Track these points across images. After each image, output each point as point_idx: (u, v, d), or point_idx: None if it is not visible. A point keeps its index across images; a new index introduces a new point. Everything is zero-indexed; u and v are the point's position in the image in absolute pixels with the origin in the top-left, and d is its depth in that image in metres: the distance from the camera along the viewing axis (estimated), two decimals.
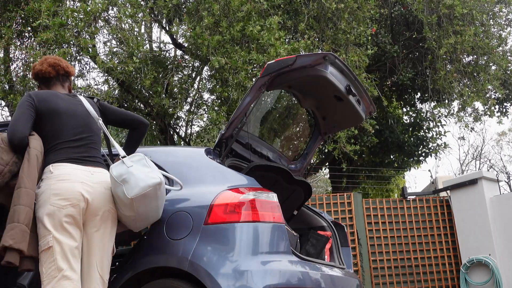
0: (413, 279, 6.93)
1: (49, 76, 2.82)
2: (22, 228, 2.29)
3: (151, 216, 2.70)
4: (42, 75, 2.82)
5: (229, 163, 3.37)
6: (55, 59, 2.85)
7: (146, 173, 2.54)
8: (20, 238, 2.28)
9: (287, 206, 3.92)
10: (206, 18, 6.17)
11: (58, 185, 2.46)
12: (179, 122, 9.88)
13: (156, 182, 2.53)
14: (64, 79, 2.89)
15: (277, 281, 2.60)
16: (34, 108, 2.62)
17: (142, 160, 2.59)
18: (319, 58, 3.18)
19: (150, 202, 2.59)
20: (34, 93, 2.70)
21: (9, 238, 2.24)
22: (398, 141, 9.56)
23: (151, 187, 2.51)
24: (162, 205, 2.73)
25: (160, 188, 2.58)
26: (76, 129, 2.69)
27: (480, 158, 22.74)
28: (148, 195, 2.53)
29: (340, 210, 7.01)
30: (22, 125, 2.54)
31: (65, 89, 2.89)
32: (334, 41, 6.98)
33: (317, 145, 4.21)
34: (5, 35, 6.20)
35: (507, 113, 9.54)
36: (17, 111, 2.61)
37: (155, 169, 2.61)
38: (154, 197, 2.59)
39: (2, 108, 8.44)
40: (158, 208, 2.69)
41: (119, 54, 6.89)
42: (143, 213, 2.63)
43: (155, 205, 2.65)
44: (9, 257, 2.25)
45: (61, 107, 2.68)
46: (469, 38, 7.35)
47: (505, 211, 6.74)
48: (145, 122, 3.03)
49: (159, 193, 2.60)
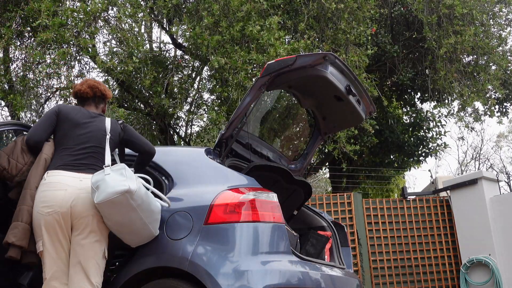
0: (413, 279, 6.92)
1: (86, 96, 3.07)
2: (24, 227, 2.58)
3: (137, 229, 2.67)
4: (81, 95, 3.07)
5: (229, 163, 3.37)
6: (95, 82, 3.12)
7: (118, 181, 2.57)
8: (22, 236, 2.56)
9: (287, 206, 3.92)
10: (206, 18, 6.17)
11: (45, 193, 2.65)
12: (179, 122, 9.89)
13: (123, 189, 2.53)
14: (100, 100, 3.13)
15: (277, 281, 2.59)
16: (56, 117, 2.90)
17: (121, 170, 2.64)
18: (319, 58, 3.18)
19: (123, 211, 2.58)
20: (63, 105, 3.02)
21: (12, 236, 2.55)
22: (398, 141, 9.56)
23: (117, 194, 2.52)
24: (149, 218, 2.68)
25: (133, 197, 2.55)
26: (83, 139, 2.84)
27: (479, 158, 22.75)
28: (115, 202, 2.54)
29: (340, 210, 7.01)
30: (40, 131, 2.86)
31: (98, 109, 3.12)
32: (334, 41, 6.98)
33: (317, 145, 4.21)
34: (5, 35, 6.20)
35: (507, 113, 9.55)
36: (41, 118, 2.94)
37: (131, 179, 2.60)
38: (127, 206, 2.57)
39: (2, 108, 8.44)
40: (142, 220, 2.65)
41: (119, 54, 6.89)
42: (122, 224, 2.64)
43: (135, 216, 2.61)
44: (11, 252, 2.55)
45: (77, 119, 2.90)
46: (469, 38, 7.35)
47: (505, 211, 6.74)
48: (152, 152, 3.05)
49: (133, 203, 2.57)
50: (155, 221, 2.73)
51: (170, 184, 3.00)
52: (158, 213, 2.74)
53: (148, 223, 2.68)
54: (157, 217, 2.74)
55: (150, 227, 2.71)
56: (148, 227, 2.70)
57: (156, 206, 2.73)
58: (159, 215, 2.76)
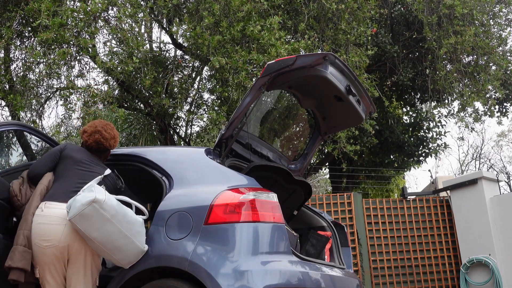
0: (413, 279, 6.93)
1: (91, 148, 3.20)
2: (20, 250, 2.69)
3: (120, 244, 2.67)
4: (86, 147, 3.21)
5: (229, 163, 3.37)
6: (102, 137, 3.19)
7: (86, 196, 2.63)
8: (19, 258, 2.67)
9: (287, 206, 3.92)
10: (206, 18, 6.16)
11: (43, 227, 2.75)
12: (179, 122, 9.87)
13: (89, 199, 2.58)
14: (104, 152, 3.26)
15: (277, 281, 2.60)
16: (60, 153, 3.10)
17: (90, 187, 2.70)
18: (319, 58, 3.18)
19: (97, 223, 2.61)
20: (70, 143, 3.21)
21: (9, 259, 2.67)
22: (398, 141, 9.56)
23: (85, 205, 2.58)
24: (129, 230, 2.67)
25: (102, 207, 2.59)
26: (84, 175, 2.98)
27: (480, 158, 22.74)
28: (86, 215, 2.59)
29: (340, 210, 7.01)
30: (42, 165, 3.05)
31: (101, 158, 3.25)
32: (334, 41, 6.98)
33: (317, 145, 4.21)
34: (5, 35, 6.20)
35: (507, 113, 9.54)
36: (47, 153, 3.14)
37: (100, 192, 2.65)
38: (99, 217, 2.60)
39: (2, 108, 8.44)
40: (122, 233, 2.65)
41: (119, 54, 6.88)
42: (103, 240, 2.65)
43: (112, 228, 2.63)
44: (12, 275, 2.66)
45: (80, 158, 3.07)
46: (469, 38, 7.34)
47: (505, 211, 6.74)
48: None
49: (105, 213, 2.60)
50: (137, 234, 2.71)
51: (170, 184, 3.00)
52: (139, 226, 2.73)
53: (131, 235, 2.67)
54: (139, 230, 2.72)
55: (134, 239, 2.69)
56: (132, 240, 2.68)
57: (134, 218, 2.72)
58: (142, 228, 2.74)
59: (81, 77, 7.22)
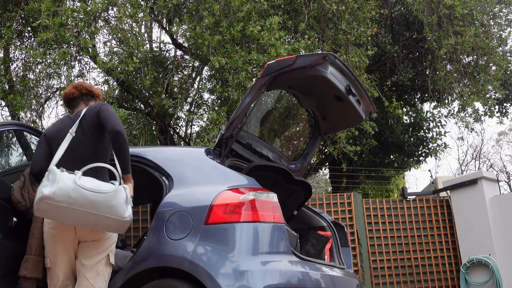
0: (413, 279, 6.92)
1: (73, 97, 3.09)
2: (34, 260, 2.75)
3: (98, 220, 2.58)
4: (68, 97, 3.10)
5: (229, 163, 3.37)
6: (79, 82, 3.18)
7: (38, 192, 2.54)
8: (33, 268, 2.72)
9: (287, 206, 3.92)
10: (206, 18, 6.16)
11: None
12: (179, 122, 9.87)
13: (38, 197, 2.51)
14: (88, 98, 3.12)
15: (277, 281, 2.60)
16: (46, 140, 2.96)
17: (48, 175, 2.59)
18: (319, 58, 3.18)
19: (60, 213, 2.55)
20: (47, 129, 3.06)
21: (23, 269, 2.72)
22: (398, 141, 9.56)
23: (38, 203, 2.52)
24: (98, 208, 2.54)
25: (55, 199, 2.49)
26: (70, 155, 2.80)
27: (480, 158, 22.74)
28: (44, 210, 2.54)
29: (340, 210, 7.01)
30: (39, 159, 2.92)
31: (74, 111, 3.09)
32: (334, 42, 6.98)
33: (317, 145, 4.21)
34: (5, 35, 6.20)
35: (507, 113, 9.54)
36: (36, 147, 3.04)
37: (53, 181, 2.53)
38: (58, 208, 2.51)
39: (2, 108, 8.44)
40: (92, 213, 2.55)
41: (119, 54, 6.88)
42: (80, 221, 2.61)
43: (77, 213, 2.54)
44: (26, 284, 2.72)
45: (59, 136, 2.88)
46: (469, 38, 7.34)
47: (505, 211, 6.74)
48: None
49: (62, 204, 2.50)
50: (109, 208, 2.56)
51: (170, 184, 3.00)
52: (110, 199, 2.56)
53: (101, 212, 2.55)
54: (110, 204, 2.56)
55: (106, 215, 2.56)
56: (104, 216, 2.56)
57: (99, 196, 2.54)
58: (114, 200, 2.57)
59: (81, 77, 7.22)
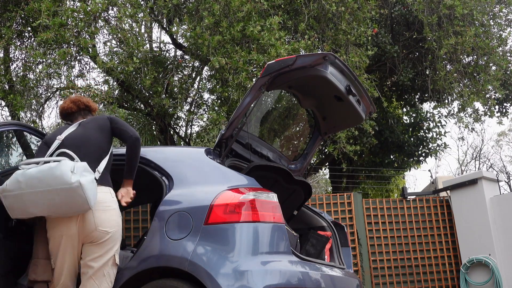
0: (413, 279, 6.92)
1: (71, 111, 3.19)
2: (42, 263, 2.75)
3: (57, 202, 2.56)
4: (66, 111, 3.20)
5: (229, 163, 3.37)
6: (77, 96, 3.26)
7: None
8: (42, 271, 2.73)
9: (287, 206, 3.92)
10: (206, 18, 6.16)
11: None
12: (179, 122, 9.87)
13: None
14: (86, 113, 3.23)
15: (277, 281, 2.60)
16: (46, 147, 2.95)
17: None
18: (319, 58, 3.18)
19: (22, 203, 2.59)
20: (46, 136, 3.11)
21: (33, 273, 2.71)
22: (398, 141, 9.56)
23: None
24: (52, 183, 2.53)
25: (8, 189, 2.59)
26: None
27: (480, 158, 22.74)
28: (7, 204, 2.63)
29: (340, 210, 7.01)
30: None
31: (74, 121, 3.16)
32: (334, 42, 6.98)
33: (317, 145, 4.21)
34: (5, 35, 6.19)
35: (507, 113, 9.55)
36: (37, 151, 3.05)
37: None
38: (16, 198, 2.58)
39: (2, 108, 8.44)
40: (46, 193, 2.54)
41: (119, 54, 6.87)
42: (44, 210, 2.61)
43: (34, 196, 2.55)
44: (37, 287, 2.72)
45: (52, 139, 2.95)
46: (469, 38, 7.34)
47: (505, 211, 6.74)
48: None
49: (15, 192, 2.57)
50: (56, 179, 2.53)
51: (170, 184, 3.00)
52: (54, 172, 2.54)
53: (52, 186, 2.53)
54: (56, 175, 2.53)
55: (59, 187, 2.52)
56: (59, 189, 2.53)
57: (44, 171, 2.55)
58: (57, 171, 2.54)
59: (81, 77, 7.22)
